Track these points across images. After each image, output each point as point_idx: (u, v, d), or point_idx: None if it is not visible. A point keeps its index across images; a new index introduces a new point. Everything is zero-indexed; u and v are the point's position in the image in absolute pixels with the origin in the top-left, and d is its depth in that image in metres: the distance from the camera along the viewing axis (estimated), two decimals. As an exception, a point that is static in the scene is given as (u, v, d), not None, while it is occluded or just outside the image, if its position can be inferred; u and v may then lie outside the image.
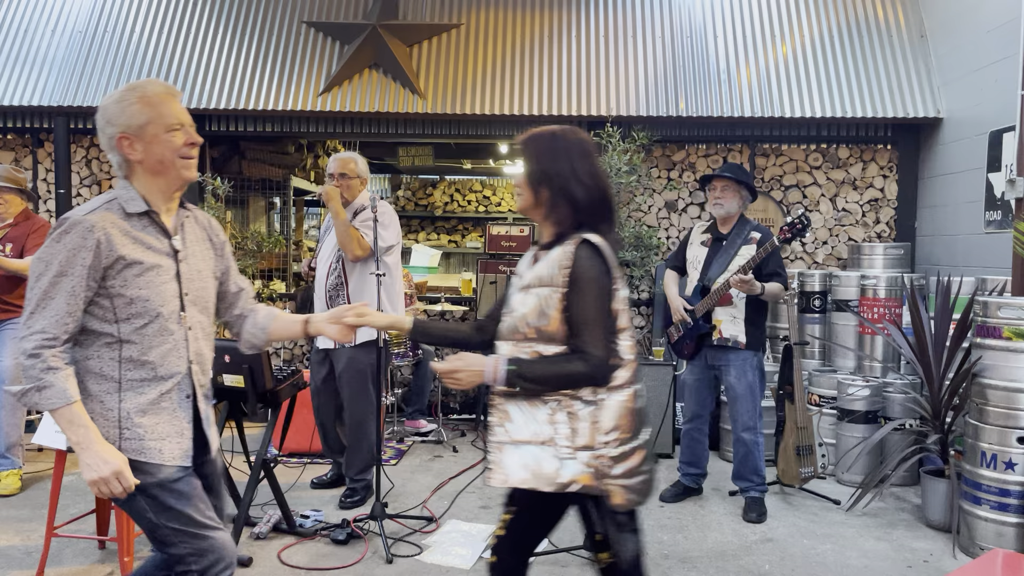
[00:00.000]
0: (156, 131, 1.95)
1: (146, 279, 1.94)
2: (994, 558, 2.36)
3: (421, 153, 8.25)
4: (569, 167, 1.96)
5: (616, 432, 1.90)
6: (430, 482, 4.49)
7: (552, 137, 2.01)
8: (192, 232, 2.11)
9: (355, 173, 4.06)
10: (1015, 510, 3.41)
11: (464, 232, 9.89)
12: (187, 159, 2.01)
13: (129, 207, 1.96)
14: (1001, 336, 3.48)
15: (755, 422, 4.01)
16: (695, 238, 4.22)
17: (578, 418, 1.89)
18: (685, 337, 4.12)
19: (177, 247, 2.03)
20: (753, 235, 4.01)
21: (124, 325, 1.93)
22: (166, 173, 1.99)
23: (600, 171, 2.01)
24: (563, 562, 3.42)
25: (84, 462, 1.85)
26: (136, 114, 1.94)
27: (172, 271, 2.00)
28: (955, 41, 5.31)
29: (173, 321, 1.99)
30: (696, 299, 4.05)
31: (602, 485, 1.88)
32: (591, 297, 1.87)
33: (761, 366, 4.06)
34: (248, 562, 3.31)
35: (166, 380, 1.98)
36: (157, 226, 2.00)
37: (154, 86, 2.00)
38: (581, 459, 1.88)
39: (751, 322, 3.98)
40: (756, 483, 4.04)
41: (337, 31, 6.03)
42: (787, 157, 5.93)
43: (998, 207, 4.64)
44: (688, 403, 4.26)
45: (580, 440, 1.88)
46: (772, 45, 5.86)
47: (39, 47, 6.05)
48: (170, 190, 2.03)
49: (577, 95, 5.79)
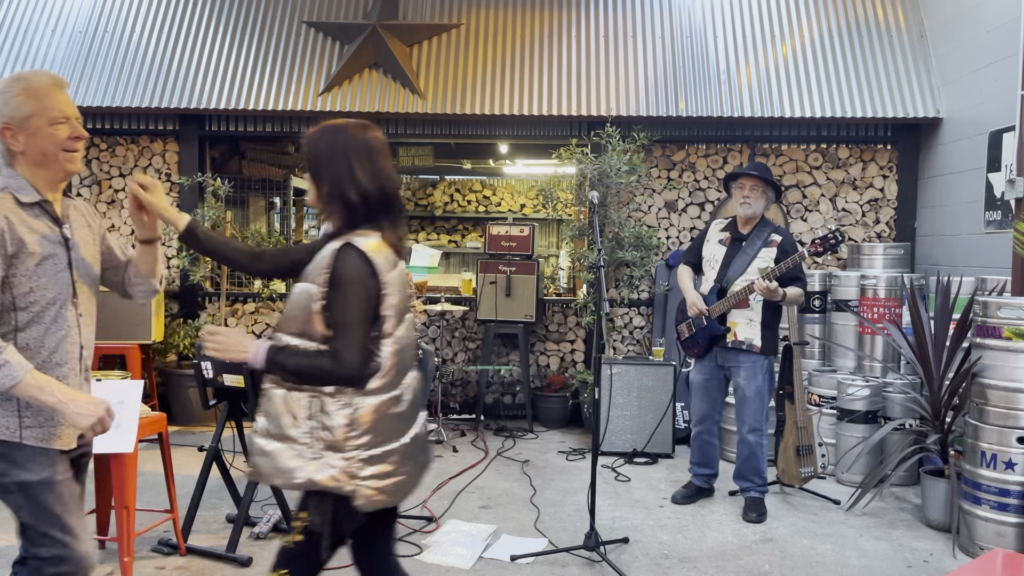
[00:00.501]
0: (40, 124, 1.95)
1: (44, 268, 1.96)
2: (994, 558, 2.36)
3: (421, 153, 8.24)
4: (346, 166, 1.91)
5: (368, 436, 1.88)
6: (430, 482, 4.49)
7: (333, 133, 1.96)
8: (76, 220, 2.12)
9: None
10: (1015, 510, 3.41)
11: (464, 232, 9.88)
12: (71, 152, 2.01)
13: (22, 196, 1.96)
14: (1001, 336, 3.48)
15: (761, 424, 4.00)
16: (712, 236, 4.16)
17: (331, 418, 1.86)
18: (697, 336, 4.08)
19: (68, 235, 2.05)
20: (774, 238, 3.96)
21: (22, 314, 1.95)
22: (48, 165, 1.99)
23: (383, 171, 1.96)
24: (563, 562, 3.42)
25: (76, 412, 1.90)
26: (20, 105, 1.94)
27: (65, 260, 2.03)
28: (955, 41, 5.31)
29: (67, 309, 2.02)
30: (712, 299, 4.00)
31: (347, 486, 1.86)
32: (350, 300, 1.84)
33: (772, 370, 4.05)
34: (248, 562, 3.31)
35: (62, 367, 2.01)
36: (49, 215, 2.02)
37: (40, 78, 1.99)
38: (328, 460, 1.86)
39: (767, 326, 3.95)
40: (757, 484, 4.04)
41: (337, 31, 6.03)
42: (787, 157, 5.93)
43: (998, 207, 4.64)
44: (697, 404, 4.22)
45: (330, 440, 1.86)
46: (772, 45, 5.86)
47: (39, 47, 6.05)
48: (53, 182, 2.03)
49: (577, 95, 5.79)
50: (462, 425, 5.90)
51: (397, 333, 1.95)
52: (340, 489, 1.87)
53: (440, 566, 3.35)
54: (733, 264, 3.99)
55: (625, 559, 3.46)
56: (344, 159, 1.92)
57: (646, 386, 5.11)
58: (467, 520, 3.91)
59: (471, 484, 4.49)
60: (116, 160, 6.16)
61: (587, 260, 5.63)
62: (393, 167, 2.02)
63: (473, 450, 5.23)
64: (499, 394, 6.27)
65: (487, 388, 6.15)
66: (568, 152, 5.68)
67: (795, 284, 3.88)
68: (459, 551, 3.50)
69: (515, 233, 5.90)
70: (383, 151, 1.99)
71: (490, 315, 5.80)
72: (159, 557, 3.38)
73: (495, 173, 9.49)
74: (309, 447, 1.87)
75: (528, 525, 3.87)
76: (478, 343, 6.22)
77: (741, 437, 4.06)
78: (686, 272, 4.21)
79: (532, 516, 3.99)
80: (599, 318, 3.61)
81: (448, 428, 5.73)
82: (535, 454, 5.16)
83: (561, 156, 5.71)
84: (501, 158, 8.81)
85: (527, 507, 4.13)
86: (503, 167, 9.19)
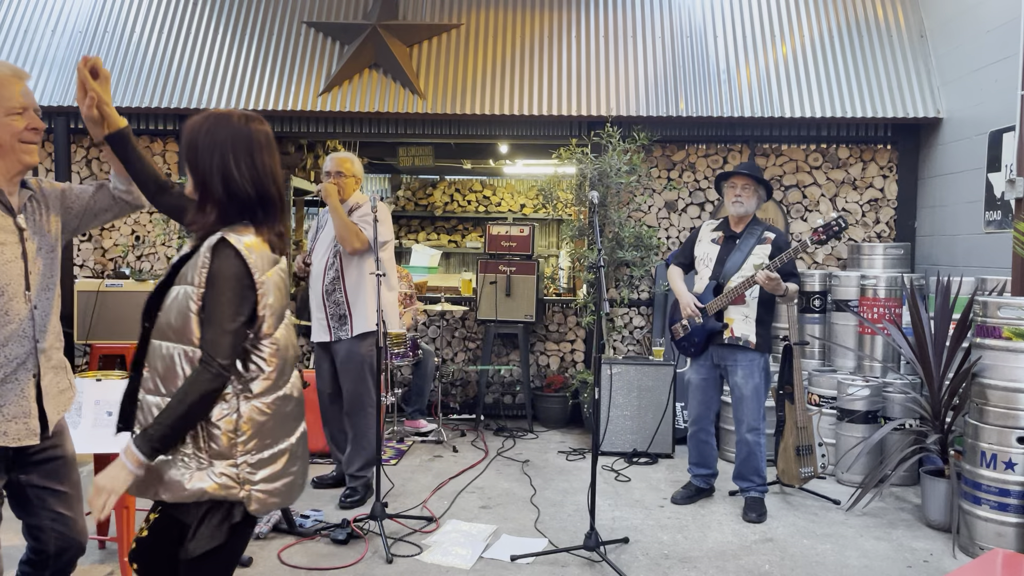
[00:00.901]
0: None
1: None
2: (994, 558, 2.36)
3: (421, 153, 8.24)
4: (221, 159, 1.83)
5: (255, 439, 1.81)
6: (430, 482, 4.49)
7: (215, 123, 1.86)
8: (35, 210, 2.09)
9: (351, 172, 4.14)
10: (1015, 510, 3.41)
11: (464, 232, 9.89)
12: (27, 143, 1.98)
13: None
14: (1001, 336, 3.48)
15: (759, 423, 4.01)
16: (705, 235, 4.19)
17: (214, 426, 1.77)
18: (693, 335, 4.09)
19: (23, 225, 2.01)
20: (767, 235, 4.01)
21: None
22: (4, 156, 1.96)
23: (263, 167, 1.87)
24: (563, 562, 3.42)
25: None
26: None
27: (18, 250, 1.99)
28: (955, 41, 5.31)
29: (18, 300, 1.97)
30: (708, 297, 4.03)
31: (239, 492, 1.79)
32: (224, 298, 1.76)
33: (767, 368, 4.06)
34: (248, 562, 3.31)
35: (11, 361, 1.97)
36: (2, 205, 1.99)
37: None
38: (216, 468, 1.77)
39: (761, 322, 3.98)
40: (757, 483, 4.04)
41: (337, 31, 6.03)
42: (787, 157, 5.93)
43: (998, 207, 4.64)
44: (693, 403, 4.23)
45: (216, 449, 1.78)
46: (772, 45, 5.86)
47: (39, 47, 6.05)
48: (9, 173, 2.00)
49: (577, 95, 5.78)
50: (462, 425, 5.90)
51: (276, 334, 1.87)
52: (233, 496, 1.79)
53: (440, 566, 3.35)
54: (728, 261, 4.02)
55: (625, 559, 3.46)
56: (220, 151, 1.83)
57: (646, 386, 5.11)
58: (467, 520, 3.91)
59: (471, 484, 4.49)
60: (116, 160, 6.16)
61: (587, 260, 5.63)
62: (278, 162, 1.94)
63: (473, 450, 5.23)
64: (499, 394, 6.27)
65: (487, 388, 6.15)
66: (568, 152, 5.68)
67: (792, 280, 3.90)
68: (459, 551, 3.50)
69: (515, 233, 5.90)
70: (266, 145, 1.90)
71: (490, 315, 5.80)
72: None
73: (495, 173, 9.49)
74: (193, 457, 1.77)
75: (528, 525, 3.87)
76: (478, 343, 6.22)
77: (740, 437, 4.06)
78: (677, 273, 4.24)
79: (532, 516, 3.99)
80: (599, 318, 3.61)
81: (448, 428, 5.73)
82: (535, 454, 5.16)
83: (561, 156, 5.71)
84: (501, 158, 8.81)
85: (527, 507, 4.13)
86: (503, 167, 9.19)
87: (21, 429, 1.98)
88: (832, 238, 3.84)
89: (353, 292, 4.02)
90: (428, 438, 5.45)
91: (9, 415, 1.96)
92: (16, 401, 1.98)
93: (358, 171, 4.21)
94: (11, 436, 1.96)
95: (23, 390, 1.99)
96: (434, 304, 5.81)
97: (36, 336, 2.02)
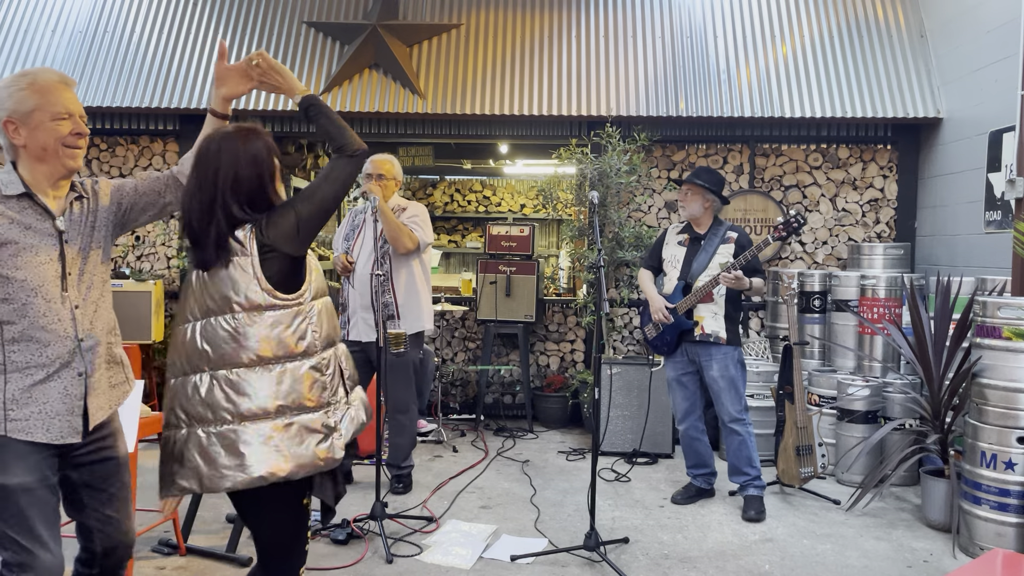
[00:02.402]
0: (42, 118, 1.98)
1: (22, 259, 1.96)
2: (994, 558, 2.36)
3: (421, 153, 8.24)
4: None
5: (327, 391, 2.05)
6: (430, 482, 4.49)
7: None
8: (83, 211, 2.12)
9: (391, 175, 4.21)
10: (1015, 510, 3.41)
11: (464, 232, 9.89)
12: (71, 148, 2.03)
13: (6, 190, 1.99)
14: (1001, 336, 3.48)
15: (742, 413, 4.08)
16: (671, 238, 4.31)
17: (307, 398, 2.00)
18: (664, 333, 4.18)
19: (61, 228, 2.04)
20: (730, 235, 4.13)
21: (4, 307, 1.96)
22: (48, 160, 2.01)
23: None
24: (563, 562, 3.42)
25: None
26: (23, 100, 1.97)
27: (54, 252, 2.02)
28: (955, 41, 5.31)
29: (55, 302, 2.00)
30: (678, 297, 4.13)
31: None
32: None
33: (741, 359, 4.14)
34: (248, 562, 3.31)
35: (53, 361, 2.00)
36: (39, 207, 2.02)
37: (47, 74, 2.03)
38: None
39: (729, 319, 4.10)
40: (753, 475, 4.05)
41: (337, 31, 6.03)
42: (787, 157, 5.93)
43: (998, 207, 4.64)
44: (677, 400, 4.27)
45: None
46: (772, 45, 5.86)
47: (39, 47, 6.05)
48: (53, 177, 2.04)
49: (577, 95, 5.79)
50: (462, 425, 5.90)
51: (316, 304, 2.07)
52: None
53: (440, 566, 3.35)
54: (695, 262, 4.14)
55: (625, 559, 3.46)
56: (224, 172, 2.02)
57: (646, 386, 5.10)
58: (467, 520, 3.91)
59: (471, 484, 4.49)
60: (116, 160, 6.16)
61: (587, 260, 5.63)
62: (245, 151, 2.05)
63: (473, 450, 5.23)
64: (499, 394, 6.27)
65: (487, 388, 6.15)
66: (568, 152, 5.68)
67: (757, 275, 4.04)
68: (459, 551, 3.50)
69: (515, 233, 5.90)
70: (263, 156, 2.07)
71: (490, 315, 5.80)
72: (159, 557, 3.38)
73: (495, 173, 9.48)
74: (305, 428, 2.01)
75: (528, 525, 3.87)
76: (478, 343, 6.22)
77: (726, 430, 4.10)
78: (648, 276, 4.34)
79: (532, 516, 3.99)
80: (599, 318, 3.62)
81: (448, 428, 5.73)
82: (535, 454, 5.16)
83: (561, 156, 5.71)
84: (501, 158, 8.81)
85: (527, 507, 4.13)
86: (503, 167, 9.19)
87: (64, 427, 2.01)
88: (792, 234, 3.98)
89: (403, 292, 4.15)
90: (428, 438, 5.45)
91: (52, 412, 1.99)
92: (60, 399, 2.01)
93: (398, 173, 4.27)
94: (54, 433, 2.00)
95: (67, 388, 2.02)
96: (434, 304, 5.81)
97: (79, 335, 2.04)
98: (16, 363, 1.97)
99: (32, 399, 1.97)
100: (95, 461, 2.14)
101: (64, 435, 2.01)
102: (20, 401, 1.96)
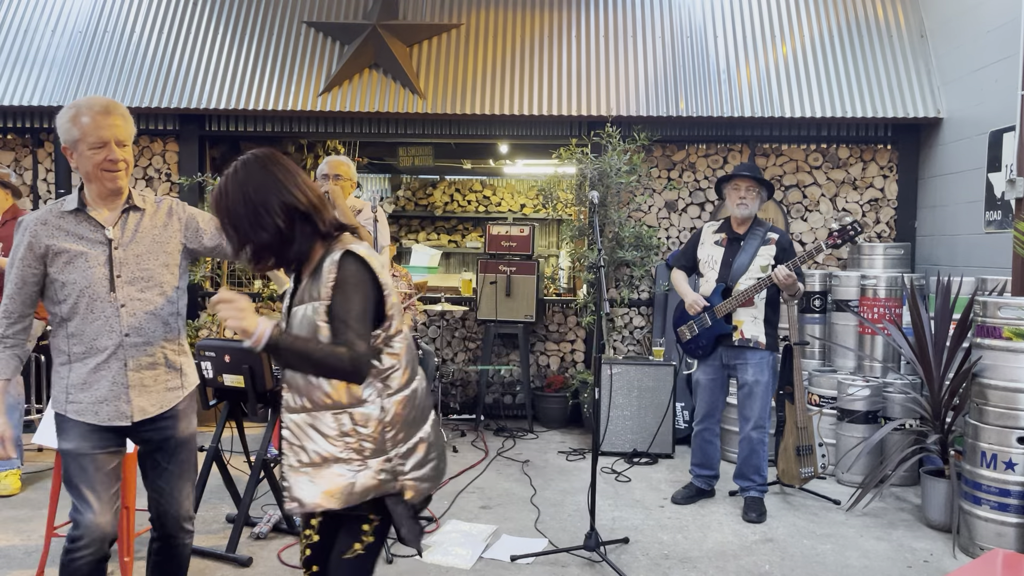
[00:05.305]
0: (83, 148, 2.24)
1: (75, 265, 2.26)
2: (994, 558, 2.36)
3: (421, 153, 8.24)
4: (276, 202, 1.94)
5: (402, 432, 1.94)
6: (430, 482, 4.49)
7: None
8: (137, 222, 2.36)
9: (348, 176, 4.25)
10: (1015, 510, 3.41)
11: (464, 232, 9.88)
12: (108, 172, 2.26)
13: (65, 206, 2.31)
14: (1001, 336, 3.48)
15: (765, 422, 4.03)
16: (707, 238, 4.19)
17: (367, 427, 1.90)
18: (700, 337, 4.10)
19: (111, 236, 2.31)
20: (771, 236, 4.03)
21: (63, 306, 2.28)
22: (92, 182, 2.30)
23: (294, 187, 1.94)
24: (563, 562, 3.42)
25: None
26: (70, 130, 2.24)
27: (103, 257, 2.29)
28: (955, 41, 5.31)
29: (102, 300, 2.27)
30: (717, 299, 4.03)
31: (396, 485, 1.93)
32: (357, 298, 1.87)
33: (775, 367, 4.09)
34: (248, 562, 3.31)
35: (101, 352, 2.28)
36: (91, 220, 2.31)
37: (91, 105, 2.24)
38: (372, 467, 1.90)
39: (769, 323, 4.03)
40: (757, 483, 4.04)
41: (337, 31, 6.03)
42: (787, 157, 5.93)
43: (998, 207, 4.64)
44: (700, 403, 4.23)
45: (371, 448, 1.90)
46: (772, 45, 5.86)
47: (39, 47, 6.05)
48: (101, 195, 2.32)
49: (577, 95, 5.78)
50: (462, 425, 5.89)
51: (404, 331, 2.00)
52: (390, 489, 1.92)
53: (440, 566, 3.35)
54: (735, 263, 4.03)
55: (625, 559, 3.46)
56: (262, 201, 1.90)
57: (646, 386, 5.11)
58: (467, 520, 3.91)
59: (471, 484, 4.49)
60: (116, 160, 6.15)
61: (587, 260, 5.63)
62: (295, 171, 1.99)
63: (473, 450, 5.23)
64: (499, 394, 6.27)
65: (487, 388, 6.15)
66: (568, 152, 5.68)
67: (800, 280, 3.96)
68: (459, 551, 3.50)
69: (515, 233, 5.90)
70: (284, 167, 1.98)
71: (490, 315, 5.80)
72: (159, 557, 3.38)
73: (495, 173, 9.48)
74: (351, 461, 1.89)
75: (528, 525, 3.87)
76: (478, 343, 6.22)
77: (744, 435, 4.06)
78: (681, 276, 4.24)
79: (532, 516, 3.99)
80: (599, 318, 3.61)
81: (448, 428, 5.73)
82: (535, 454, 5.16)
83: (561, 156, 5.71)
84: (501, 158, 8.81)
85: (527, 507, 4.13)
86: (503, 167, 9.19)
87: (112, 411, 2.29)
88: (847, 242, 3.90)
89: None
90: (428, 438, 5.44)
91: (100, 397, 2.28)
92: (108, 387, 2.29)
93: (354, 175, 4.32)
94: (102, 416, 2.29)
95: (115, 377, 2.29)
96: (434, 304, 5.81)
97: (125, 331, 2.29)
98: (76, 354, 2.28)
99: (87, 385, 2.28)
100: (155, 439, 2.41)
101: (111, 419, 2.29)
102: (79, 387, 2.28)
